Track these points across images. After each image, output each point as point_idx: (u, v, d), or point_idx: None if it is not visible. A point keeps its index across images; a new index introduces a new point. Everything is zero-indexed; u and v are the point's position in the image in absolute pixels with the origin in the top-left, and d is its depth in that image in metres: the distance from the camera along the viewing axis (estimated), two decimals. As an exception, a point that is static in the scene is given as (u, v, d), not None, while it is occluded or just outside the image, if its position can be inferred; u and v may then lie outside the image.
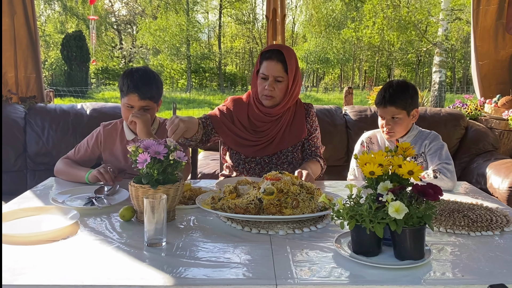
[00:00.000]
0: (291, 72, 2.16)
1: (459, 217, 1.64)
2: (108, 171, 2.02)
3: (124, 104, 2.19)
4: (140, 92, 2.13)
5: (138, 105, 2.15)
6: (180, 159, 1.54)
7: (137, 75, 2.15)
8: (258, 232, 1.49)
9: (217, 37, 32.00)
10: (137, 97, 2.13)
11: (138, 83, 2.13)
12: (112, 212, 1.67)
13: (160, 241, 1.37)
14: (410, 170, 1.31)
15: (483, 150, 3.50)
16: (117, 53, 30.81)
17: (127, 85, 2.14)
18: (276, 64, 2.14)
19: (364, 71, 36.91)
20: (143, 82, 2.15)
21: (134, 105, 2.15)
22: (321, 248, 1.37)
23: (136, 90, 2.13)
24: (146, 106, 2.17)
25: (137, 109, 2.16)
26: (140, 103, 2.15)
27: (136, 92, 2.13)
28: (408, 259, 1.26)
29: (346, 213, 1.27)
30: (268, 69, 2.15)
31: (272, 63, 2.14)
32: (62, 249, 1.34)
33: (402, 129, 2.36)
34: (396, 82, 2.36)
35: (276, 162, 2.28)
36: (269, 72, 2.15)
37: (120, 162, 2.26)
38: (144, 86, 2.14)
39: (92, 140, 2.30)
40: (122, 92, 2.18)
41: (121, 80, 2.18)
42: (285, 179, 1.62)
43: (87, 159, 2.29)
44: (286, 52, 2.15)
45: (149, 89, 2.16)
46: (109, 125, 2.34)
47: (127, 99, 2.15)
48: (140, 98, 2.14)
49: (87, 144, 2.30)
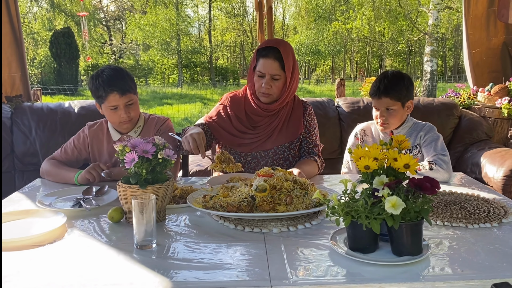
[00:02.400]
0: (288, 70, 2.12)
1: (456, 209, 1.61)
2: (96, 169, 1.97)
3: (107, 109, 2.10)
4: (118, 89, 2.05)
5: (122, 103, 2.07)
6: (169, 157, 1.49)
7: (106, 73, 2.07)
8: (252, 230, 1.45)
9: (208, 31, 31.80)
10: (118, 94, 2.05)
11: (112, 80, 2.05)
12: (100, 214, 1.62)
13: (150, 243, 1.33)
14: (406, 163, 1.27)
15: (477, 139, 3.48)
16: (107, 50, 30.54)
17: (102, 88, 2.05)
18: (273, 62, 2.09)
19: (355, 62, 36.92)
20: (116, 78, 2.07)
21: (118, 105, 2.07)
22: (316, 246, 1.33)
23: (114, 88, 2.05)
24: (129, 102, 2.10)
25: (122, 107, 2.08)
26: (123, 100, 2.07)
27: (114, 90, 2.05)
28: (406, 255, 1.22)
29: (341, 209, 1.23)
30: (265, 67, 2.11)
31: (268, 61, 2.10)
32: (48, 254, 1.29)
33: (397, 120, 2.32)
34: (391, 73, 2.31)
35: (272, 157, 2.24)
36: (265, 71, 2.11)
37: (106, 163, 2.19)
38: (119, 81, 2.07)
39: (80, 141, 2.24)
40: (100, 98, 2.09)
41: (92, 86, 2.10)
42: (278, 175, 1.58)
43: (74, 160, 2.23)
44: (283, 49, 2.10)
45: (125, 82, 2.08)
46: (94, 126, 2.27)
47: (108, 102, 2.07)
48: (121, 94, 2.06)
49: (73, 145, 2.24)
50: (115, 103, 2.07)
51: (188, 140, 1.87)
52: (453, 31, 25.54)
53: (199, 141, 1.87)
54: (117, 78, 2.07)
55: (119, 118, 2.10)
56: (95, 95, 2.11)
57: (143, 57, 29.24)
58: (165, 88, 22.97)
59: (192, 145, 1.86)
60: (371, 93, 2.34)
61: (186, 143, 1.88)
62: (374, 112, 2.36)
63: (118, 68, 2.14)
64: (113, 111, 2.09)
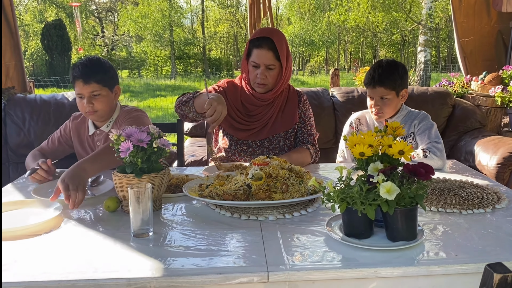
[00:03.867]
0: (283, 59, 2.12)
1: (450, 196, 1.63)
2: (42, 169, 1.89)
3: (76, 96, 2.14)
4: (83, 77, 2.06)
5: (86, 92, 2.07)
6: (164, 146, 1.49)
7: (81, 63, 2.10)
8: (248, 218, 1.45)
9: (201, 22, 31.63)
10: (81, 82, 2.07)
11: (81, 69, 2.07)
12: (97, 204, 1.62)
13: (147, 232, 1.33)
14: (401, 149, 1.28)
15: (470, 128, 3.51)
16: (99, 41, 30.31)
17: (72, 76, 2.09)
18: (267, 52, 2.09)
19: (349, 53, 36.90)
20: (86, 67, 2.08)
21: (82, 93, 2.09)
22: (312, 232, 1.34)
23: (79, 76, 2.07)
24: (94, 92, 2.08)
25: (87, 96, 2.08)
26: (87, 89, 2.07)
27: (79, 78, 2.07)
28: (400, 240, 1.24)
29: (336, 196, 1.24)
30: (259, 58, 2.10)
31: (262, 51, 2.09)
32: (45, 243, 1.29)
33: (391, 109, 2.33)
34: (386, 62, 2.31)
35: (268, 146, 2.24)
36: (260, 61, 2.10)
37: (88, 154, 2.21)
38: (88, 70, 2.07)
39: (66, 131, 2.29)
40: (72, 83, 2.13)
41: (70, 71, 2.13)
42: (273, 164, 1.58)
43: (61, 150, 2.28)
44: (276, 39, 2.10)
45: (93, 73, 2.08)
46: (79, 118, 2.30)
47: (76, 88, 2.10)
48: (84, 83, 2.06)
49: (59, 134, 2.29)
50: (79, 91, 2.09)
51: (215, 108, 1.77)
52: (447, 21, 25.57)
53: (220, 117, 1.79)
54: (86, 66, 2.08)
55: (83, 107, 2.12)
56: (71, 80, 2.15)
57: (135, 49, 29.06)
58: (158, 80, 22.87)
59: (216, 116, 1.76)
60: (365, 83, 2.34)
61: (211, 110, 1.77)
62: (369, 101, 2.37)
63: (95, 58, 2.14)
64: (79, 99, 2.12)
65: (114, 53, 29.90)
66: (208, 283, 1.09)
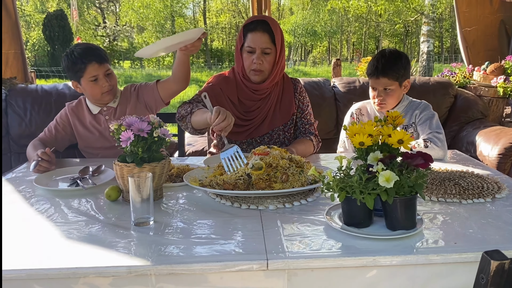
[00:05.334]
0: (278, 42, 2.06)
1: (450, 186, 1.63)
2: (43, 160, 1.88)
3: (88, 82, 2.15)
4: (96, 58, 2.13)
5: (101, 72, 2.15)
6: (164, 135, 1.49)
7: (80, 47, 2.15)
8: (248, 207, 1.46)
9: (202, 12, 31.47)
10: (96, 64, 2.13)
11: (88, 51, 2.13)
12: (97, 193, 1.63)
13: (148, 220, 1.34)
14: (400, 139, 1.28)
15: (472, 118, 3.50)
16: (100, 32, 30.20)
17: (80, 60, 2.12)
18: (262, 35, 2.03)
19: (352, 43, 36.71)
20: (91, 49, 2.15)
21: (98, 74, 2.14)
22: (312, 221, 1.35)
23: (91, 57, 2.12)
24: (107, 71, 2.17)
25: (102, 76, 2.15)
26: (102, 69, 2.15)
27: (92, 59, 2.12)
28: (400, 229, 1.24)
29: (336, 185, 1.24)
30: (255, 41, 2.04)
31: (258, 34, 2.03)
32: (45, 232, 1.30)
33: (394, 100, 2.32)
34: (389, 52, 2.29)
35: (268, 141, 2.20)
36: (256, 44, 2.04)
37: (94, 134, 2.27)
38: (95, 51, 2.15)
39: (62, 118, 2.31)
40: (78, 73, 2.15)
41: (68, 63, 2.15)
42: (273, 154, 1.59)
43: (60, 139, 2.29)
44: (271, 22, 2.06)
45: (100, 52, 2.17)
46: (73, 103, 2.34)
47: (87, 73, 2.13)
48: (99, 63, 2.14)
49: (56, 123, 2.31)
50: (95, 72, 2.13)
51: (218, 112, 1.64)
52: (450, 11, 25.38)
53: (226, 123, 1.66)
54: (92, 49, 2.16)
55: (101, 88, 2.17)
56: (72, 71, 2.16)
57: (137, 39, 28.97)
58: (160, 71, 22.82)
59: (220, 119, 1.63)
60: (368, 73, 2.32)
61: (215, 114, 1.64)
62: (371, 92, 2.35)
63: (88, 43, 2.23)
64: (94, 83, 2.15)
65: (115, 43, 29.81)
66: (208, 270, 1.10)
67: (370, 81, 2.32)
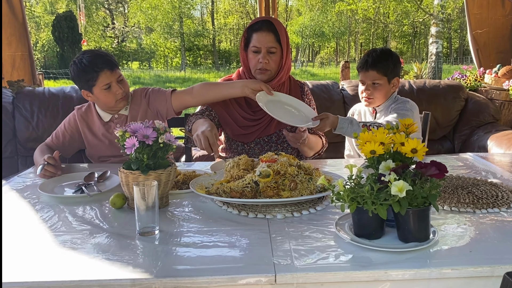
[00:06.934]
0: (283, 42, 2.07)
1: (464, 194, 1.58)
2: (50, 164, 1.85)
3: (101, 90, 2.08)
4: (107, 65, 2.06)
5: (114, 79, 2.08)
6: (170, 142, 1.46)
7: (88, 55, 2.07)
8: (255, 216, 1.42)
9: (210, 14, 31.52)
10: (108, 71, 2.06)
11: (99, 59, 2.06)
12: (102, 200, 1.60)
13: (153, 230, 1.31)
14: (414, 148, 1.24)
15: (483, 122, 3.44)
16: (109, 33, 30.33)
17: (91, 69, 2.04)
18: (267, 34, 2.04)
19: (360, 44, 36.56)
20: (101, 57, 2.08)
21: (110, 81, 2.07)
22: (321, 232, 1.31)
23: (103, 65, 2.05)
24: (120, 77, 2.11)
25: (115, 83, 2.08)
26: (114, 76, 2.09)
27: (104, 67, 2.05)
28: (412, 241, 1.20)
29: (346, 195, 1.20)
30: (260, 41, 2.05)
31: (263, 34, 2.05)
32: (48, 242, 1.27)
33: (382, 96, 2.34)
34: (380, 49, 2.37)
35: (276, 141, 2.20)
36: (261, 44, 2.05)
37: (104, 143, 2.20)
38: (105, 58, 2.08)
39: (71, 124, 2.24)
40: (90, 81, 2.07)
41: (78, 72, 2.07)
42: (281, 161, 1.55)
43: (67, 145, 2.23)
44: (275, 22, 2.08)
45: (110, 59, 2.10)
46: (82, 108, 2.27)
47: (100, 81, 2.06)
48: (111, 70, 2.07)
49: (64, 128, 2.24)
50: (108, 80, 2.06)
51: (200, 139, 1.75)
52: (459, 12, 25.18)
53: (212, 140, 1.75)
54: (101, 56, 2.08)
55: (115, 95, 2.10)
56: (83, 81, 2.09)
57: (146, 40, 29.06)
58: (168, 72, 22.88)
59: (205, 144, 1.74)
60: (358, 67, 2.39)
61: (198, 142, 1.76)
62: (360, 87, 2.40)
63: (96, 50, 2.16)
64: (107, 91, 2.08)
65: (124, 44, 29.93)
66: (214, 284, 1.07)
67: (360, 75, 2.38)
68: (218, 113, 2.17)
